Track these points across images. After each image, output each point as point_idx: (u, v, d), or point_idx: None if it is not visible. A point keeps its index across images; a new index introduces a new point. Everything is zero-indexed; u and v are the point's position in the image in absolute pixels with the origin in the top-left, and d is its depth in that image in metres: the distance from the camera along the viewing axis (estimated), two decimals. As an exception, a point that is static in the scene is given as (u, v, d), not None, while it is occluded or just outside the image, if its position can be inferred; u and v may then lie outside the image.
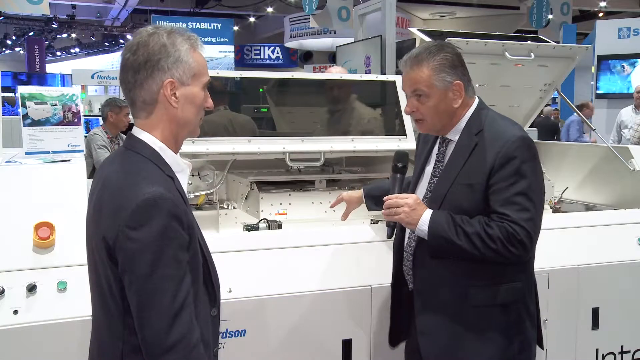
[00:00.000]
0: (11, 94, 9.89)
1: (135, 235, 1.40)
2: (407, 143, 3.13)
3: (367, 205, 2.62)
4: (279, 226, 2.82)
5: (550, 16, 11.79)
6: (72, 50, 23.92)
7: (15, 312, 1.99)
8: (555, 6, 11.99)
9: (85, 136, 4.96)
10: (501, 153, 1.94)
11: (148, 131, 1.56)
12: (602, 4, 15.85)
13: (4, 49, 22.85)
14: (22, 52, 22.52)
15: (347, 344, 2.41)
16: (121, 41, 20.84)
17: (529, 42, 3.55)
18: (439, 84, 2.01)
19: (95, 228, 1.51)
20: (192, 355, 1.43)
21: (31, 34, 20.04)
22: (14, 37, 20.82)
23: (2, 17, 16.00)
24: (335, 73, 3.63)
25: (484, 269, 2.00)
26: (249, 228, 2.78)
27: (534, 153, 1.99)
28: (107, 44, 22.07)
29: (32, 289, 2.02)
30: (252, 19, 21.34)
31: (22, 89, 2.86)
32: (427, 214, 2.01)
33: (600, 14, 16.78)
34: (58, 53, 24.19)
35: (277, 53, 21.40)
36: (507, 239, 1.90)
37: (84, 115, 4.04)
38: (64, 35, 21.36)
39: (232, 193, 3.30)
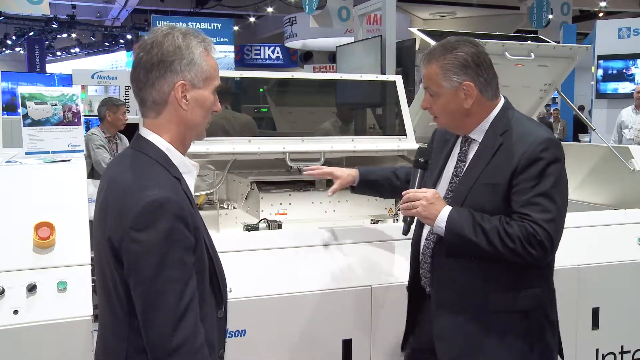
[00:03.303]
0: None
1: (141, 237, 1.40)
2: (407, 143, 3.14)
3: (358, 187, 2.48)
4: (279, 226, 2.82)
5: (550, 16, 11.80)
6: (72, 50, 23.94)
7: (15, 312, 1.99)
8: (555, 6, 12.00)
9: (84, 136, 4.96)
10: (526, 154, 1.90)
11: (156, 132, 1.56)
12: (602, 4, 15.85)
13: (4, 49, 22.84)
14: (22, 52, 22.53)
15: (347, 344, 2.40)
16: (121, 41, 20.84)
17: (529, 42, 3.56)
18: (447, 84, 1.98)
19: (101, 229, 1.51)
20: (196, 358, 1.43)
21: (31, 34, 20.03)
22: (14, 37, 20.80)
23: (2, 17, 16.01)
24: None
25: (503, 273, 1.95)
26: (249, 228, 2.78)
27: (561, 155, 1.94)
28: (107, 44, 22.06)
29: (32, 289, 2.02)
30: (252, 19, 21.33)
31: (22, 89, 2.86)
32: (446, 210, 1.96)
33: (600, 14, 16.77)
34: (58, 53, 24.21)
35: (277, 53, 21.39)
36: (527, 239, 1.85)
37: (84, 115, 4.03)
38: (64, 35, 21.34)
39: (232, 193, 3.30)
